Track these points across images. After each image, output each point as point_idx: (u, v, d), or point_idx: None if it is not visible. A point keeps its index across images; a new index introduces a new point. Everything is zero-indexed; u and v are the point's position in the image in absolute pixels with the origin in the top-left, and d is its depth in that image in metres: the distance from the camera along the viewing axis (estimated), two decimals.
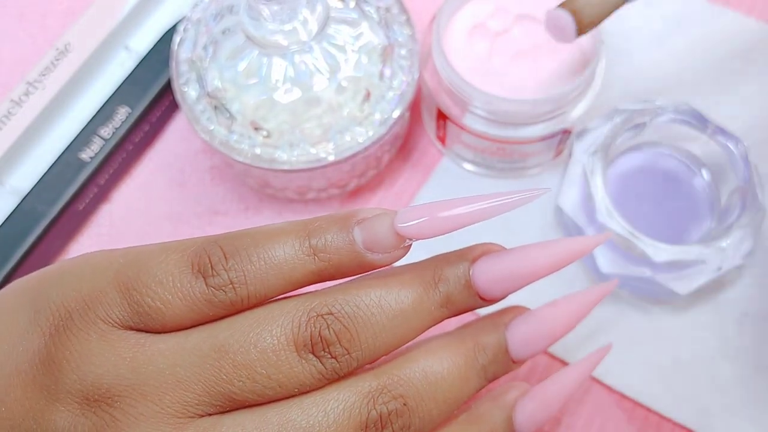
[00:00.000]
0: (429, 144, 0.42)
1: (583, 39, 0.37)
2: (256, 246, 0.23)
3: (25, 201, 0.38)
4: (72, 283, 0.23)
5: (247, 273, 0.22)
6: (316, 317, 0.22)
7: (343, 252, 0.23)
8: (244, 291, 0.22)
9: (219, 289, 0.22)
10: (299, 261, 0.23)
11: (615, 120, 0.36)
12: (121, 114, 0.40)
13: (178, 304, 0.22)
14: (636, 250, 0.34)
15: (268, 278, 0.22)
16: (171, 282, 0.22)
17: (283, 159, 0.35)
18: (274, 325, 0.22)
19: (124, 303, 0.22)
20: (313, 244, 0.23)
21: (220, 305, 0.22)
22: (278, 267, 0.22)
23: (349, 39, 0.35)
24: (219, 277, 0.22)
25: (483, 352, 0.25)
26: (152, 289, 0.22)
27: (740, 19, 0.43)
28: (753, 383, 0.36)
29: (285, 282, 0.23)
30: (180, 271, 0.22)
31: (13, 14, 0.46)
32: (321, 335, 0.22)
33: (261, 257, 0.22)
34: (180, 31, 0.37)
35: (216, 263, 0.22)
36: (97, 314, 0.22)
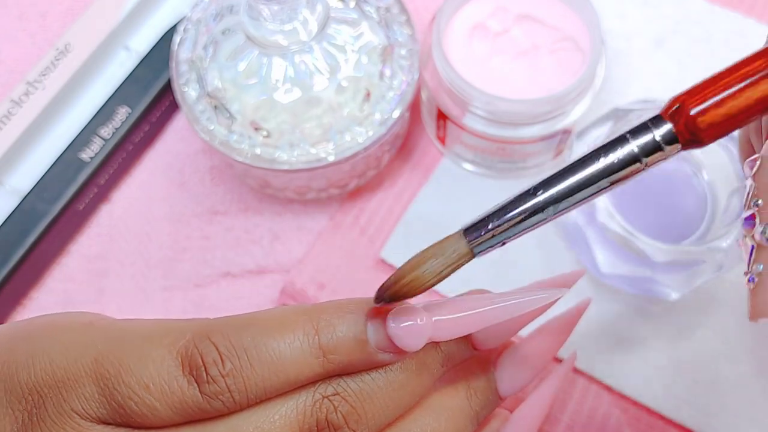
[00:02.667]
0: (429, 144, 0.42)
1: (583, 39, 0.37)
2: (257, 346, 0.20)
3: (25, 201, 0.38)
4: (44, 365, 0.20)
5: (247, 380, 0.20)
6: (321, 400, 0.21)
7: (354, 353, 0.21)
8: (243, 397, 0.20)
9: (215, 397, 0.20)
10: (305, 362, 0.20)
11: (615, 120, 0.36)
12: (121, 114, 0.40)
13: (167, 411, 0.20)
14: (636, 250, 0.34)
15: (270, 382, 0.20)
16: (158, 386, 0.19)
17: (283, 159, 0.35)
18: (276, 414, 0.20)
19: (102, 400, 0.20)
20: (322, 344, 0.21)
21: (214, 413, 0.20)
22: (282, 369, 0.20)
23: (349, 39, 0.35)
24: (215, 385, 0.20)
25: (475, 396, 0.24)
26: (137, 393, 0.19)
27: (740, 19, 0.43)
28: (753, 383, 0.36)
29: (288, 383, 0.20)
30: (168, 373, 0.20)
31: (13, 14, 0.46)
32: (328, 420, 0.21)
33: (263, 360, 0.20)
34: (180, 31, 0.37)
35: (210, 366, 0.20)
36: (73, 407, 0.20)
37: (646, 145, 0.22)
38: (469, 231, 0.22)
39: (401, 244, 0.39)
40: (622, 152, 0.22)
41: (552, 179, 0.24)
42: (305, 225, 0.41)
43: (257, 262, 0.40)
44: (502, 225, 0.22)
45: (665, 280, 0.35)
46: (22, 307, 0.39)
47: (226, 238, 0.40)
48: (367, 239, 0.40)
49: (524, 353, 0.26)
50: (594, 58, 0.36)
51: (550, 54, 0.37)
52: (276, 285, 0.40)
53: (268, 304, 0.39)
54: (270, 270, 0.40)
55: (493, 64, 0.37)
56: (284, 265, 0.40)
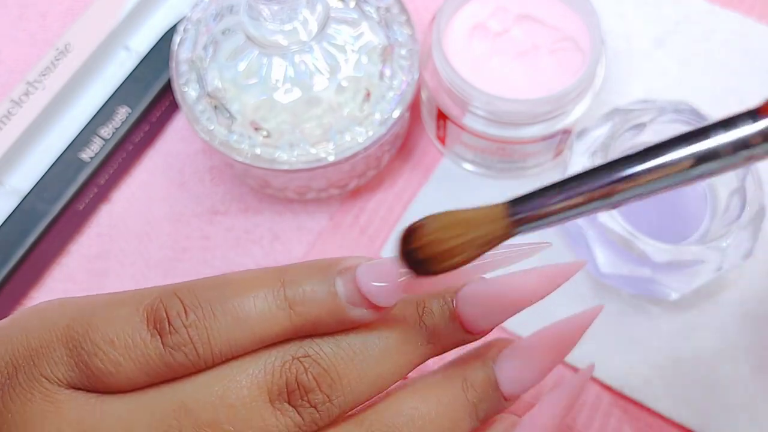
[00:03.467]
0: (429, 144, 0.42)
1: (583, 39, 0.37)
2: (222, 298, 0.20)
3: (25, 201, 0.38)
4: (20, 337, 0.20)
5: (210, 329, 0.19)
6: (291, 361, 0.20)
7: (323, 305, 0.20)
8: (207, 351, 0.19)
9: (177, 349, 0.19)
10: (272, 315, 0.20)
11: (615, 120, 0.36)
12: (121, 114, 0.40)
13: (131, 366, 0.19)
14: (636, 250, 0.34)
15: (234, 335, 0.19)
16: (122, 341, 0.19)
17: (283, 159, 0.35)
18: (243, 374, 0.19)
19: (71, 362, 0.19)
20: (289, 296, 0.20)
21: (179, 367, 0.19)
22: (247, 322, 0.19)
23: (349, 39, 0.35)
24: (177, 335, 0.19)
25: (472, 388, 0.22)
26: (101, 349, 0.19)
27: (740, 19, 0.43)
28: (753, 383, 0.36)
29: (254, 339, 0.20)
30: (132, 327, 0.19)
31: (13, 14, 0.46)
32: (298, 381, 0.19)
33: (227, 311, 0.19)
34: (180, 31, 0.37)
35: (174, 318, 0.19)
36: (42, 372, 0.19)
37: (742, 140, 0.18)
38: (517, 204, 0.19)
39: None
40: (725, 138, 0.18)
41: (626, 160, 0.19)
42: (305, 225, 0.41)
43: (257, 262, 0.40)
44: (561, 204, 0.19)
45: (665, 280, 0.35)
46: (22, 307, 0.39)
47: (226, 238, 0.40)
48: (367, 239, 0.40)
49: (526, 346, 0.24)
50: (594, 58, 0.36)
51: (550, 54, 0.37)
52: None
53: None
54: None
55: (493, 64, 0.37)
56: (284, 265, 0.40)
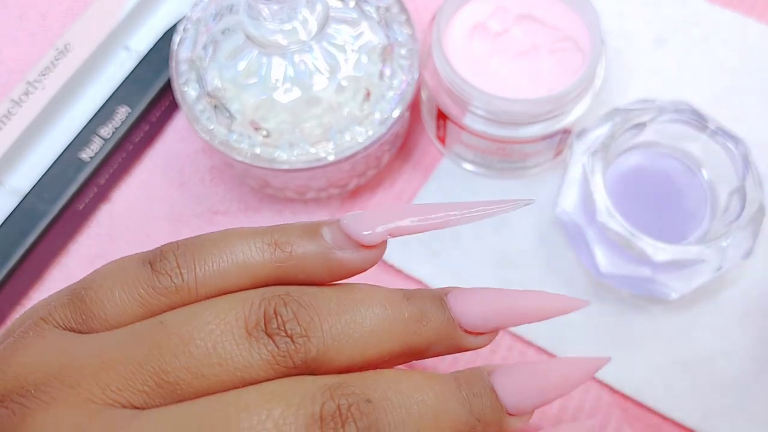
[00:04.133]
0: (429, 144, 0.42)
1: (583, 39, 0.37)
2: (214, 238, 0.21)
3: (25, 201, 0.38)
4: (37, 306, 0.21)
5: (197, 258, 0.20)
6: (272, 296, 0.20)
7: (308, 246, 0.21)
8: (191, 276, 0.20)
9: (164, 273, 0.20)
10: (257, 250, 0.20)
11: (615, 120, 0.36)
12: (121, 114, 0.40)
13: (122, 295, 0.20)
14: (636, 250, 0.34)
15: (220, 266, 0.20)
16: (118, 273, 0.20)
17: (283, 159, 0.35)
18: (223, 304, 0.19)
19: (69, 304, 0.20)
20: (275, 237, 0.21)
21: (164, 292, 0.20)
22: (233, 254, 0.20)
23: (349, 39, 0.35)
24: (166, 262, 0.20)
25: (466, 384, 0.20)
26: (97, 282, 0.20)
27: (740, 19, 0.43)
28: (753, 383, 0.36)
29: (239, 272, 0.20)
30: (131, 265, 0.20)
31: (13, 14, 0.46)
32: (276, 311, 0.19)
33: (215, 245, 0.20)
34: (180, 30, 0.37)
35: (167, 253, 0.20)
36: (40, 315, 0.20)
37: None
38: None
39: (401, 245, 0.39)
40: None
41: None
42: None
43: None
44: None
45: (665, 280, 0.35)
46: (22, 307, 0.39)
47: None
48: None
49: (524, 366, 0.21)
50: (594, 58, 0.36)
51: (550, 54, 0.37)
52: None
53: None
54: None
55: (493, 64, 0.37)
56: None
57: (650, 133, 0.37)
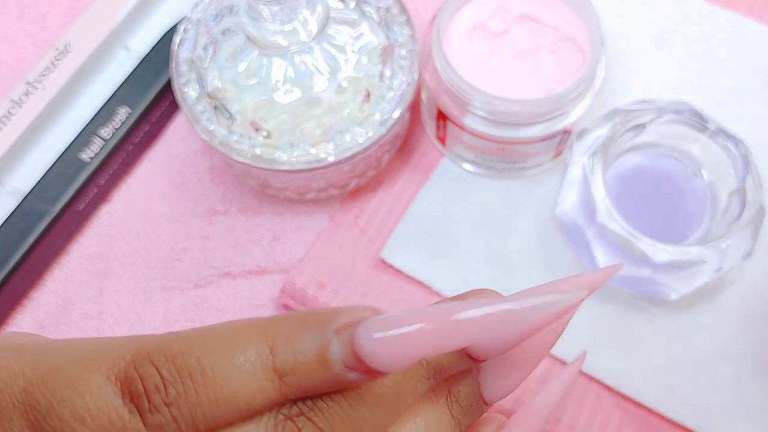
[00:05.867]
0: (429, 144, 0.42)
1: (583, 39, 0.37)
2: (203, 369, 0.17)
3: (25, 201, 0.38)
4: None
5: (193, 408, 0.17)
6: (284, 421, 0.18)
7: (316, 376, 0.18)
8: (191, 429, 0.17)
9: (160, 428, 0.17)
10: (258, 389, 0.17)
11: (615, 120, 0.36)
12: (121, 114, 0.40)
13: None
14: (636, 251, 0.34)
15: (220, 411, 0.17)
16: (96, 419, 0.17)
17: (283, 159, 0.35)
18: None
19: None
20: (278, 366, 0.17)
21: None
22: (233, 399, 0.17)
23: (349, 39, 0.35)
24: (159, 414, 0.17)
25: (456, 404, 0.21)
26: (72, 427, 0.17)
27: (740, 19, 0.43)
28: (753, 383, 0.36)
29: (241, 413, 0.18)
30: (106, 402, 0.17)
31: (13, 14, 0.46)
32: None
33: (210, 386, 0.17)
34: (180, 31, 0.37)
35: (152, 393, 0.17)
36: None
37: None
38: None
39: (401, 245, 0.39)
40: None
41: None
42: (305, 225, 0.41)
43: (257, 262, 0.40)
44: None
45: (665, 280, 0.35)
46: (22, 307, 0.40)
47: (226, 238, 0.40)
48: (367, 239, 0.40)
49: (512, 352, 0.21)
50: (594, 58, 0.36)
51: (550, 54, 0.37)
52: (276, 285, 0.40)
53: (268, 303, 0.39)
54: (270, 270, 0.40)
55: (493, 64, 0.37)
56: (284, 265, 0.40)
57: (650, 134, 0.38)
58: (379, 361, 0.17)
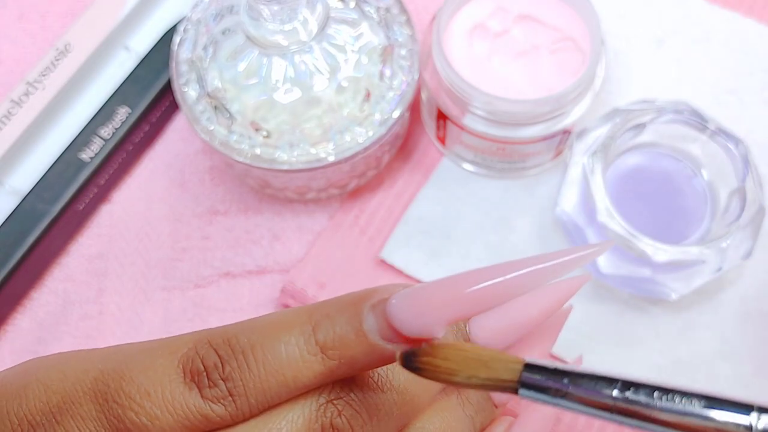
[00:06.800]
0: (429, 144, 0.42)
1: (583, 39, 0.37)
2: (254, 348, 0.20)
3: (25, 201, 0.38)
4: (38, 393, 0.20)
5: (246, 382, 0.19)
6: (326, 404, 0.20)
7: (355, 347, 0.20)
8: (244, 402, 0.19)
9: (217, 402, 0.19)
10: (305, 363, 0.20)
11: (615, 120, 0.36)
12: (121, 114, 0.40)
13: (168, 419, 0.19)
14: (636, 250, 0.34)
15: (270, 385, 0.20)
16: (160, 393, 0.19)
17: (283, 159, 0.35)
18: (282, 421, 0.20)
19: (101, 417, 0.19)
20: (320, 340, 0.20)
21: (217, 421, 0.19)
22: (281, 373, 0.19)
23: (349, 39, 0.35)
24: (216, 389, 0.19)
25: (468, 403, 0.23)
26: (137, 402, 0.19)
27: (740, 19, 0.43)
28: (753, 383, 0.36)
29: (289, 387, 0.20)
30: (170, 380, 0.19)
31: (13, 14, 0.46)
32: (333, 424, 0.20)
33: (260, 361, 0.19)
34: (180, 31, 0.37)
35: (212, 371, 0.19)
36: (67, 429, 0.19)
37: None
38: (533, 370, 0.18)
39: (401, 245, 0.39)
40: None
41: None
42: (305, 225, 0.41)
43: (257, 262, 0.40)
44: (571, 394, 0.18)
45: (665, 280, 0.35)
46: (22, 307, 0.40)
47: (226, 238, 0.40)
48: (367, 239, 0.40)
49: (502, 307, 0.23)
50: (594, 58, 0.36)
51: (550, 54, 0.37)
52: (276, 285, 0.40)
53: (268, 304, 0.39)
54: (270, 270, 0.40)
55: (493, 64, 0.37)
56: (284, 265, 0.40)
57: (650, 134, 0.38)
58: (409, 327, 0.19)
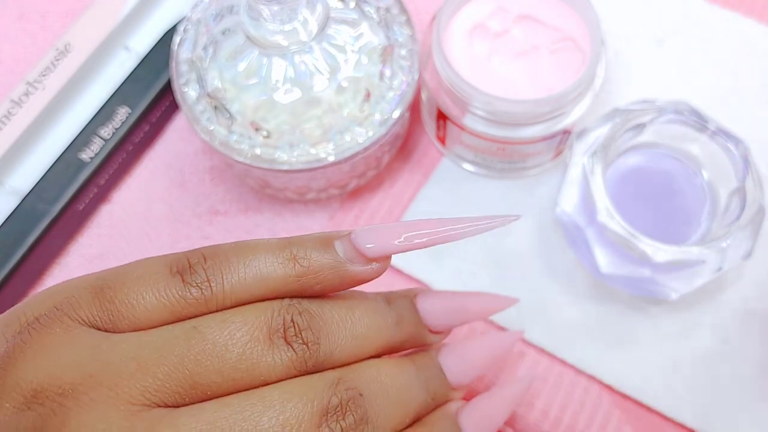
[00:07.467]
0: (429, 144, 0.42)
1: (583, 39, 0.37)
2: (237, 251, 0.23)
3: (25, 201, 0.38)
4: (45, 296, 0.22)
5: (224, 272, 0.22)
6: (288, 307, 0.23)
7: (323, 260, 0.23)
8: (219, 289, 0.22)
9: (195, 286, 0.22)
10: (279, 265, 0.23)
11: (615, 120, 0.36)
12: (121, 114, 0.40)
13: (152, 300, 0.21)
14: (636, 251, 0.34)
15: (245, 280, 0.22)
16: (147, 279, 0.22)
17: (283, 159, 0.35)
18: (249, 313, 0.22)
19: (95, 301, 0.21)
20: (294, 252, 0.23)
21: (194, 303, 0.22)
22: (257, 269, 0.22)
23: (349, 39, 0.35)
24: (197, 275, 0.22)
25: (421, 370, 0.26)
26: (127, 286, 0.22)
27: (740, 19, 0.43)
28: (753, 383, 0.36)
29: (263, 286, 0.23)
30: (159, 271, 0.22)
31: (13, 14, 0.46)
32: (294, 320, 0.22)
33: (240, 259, 0.22)
34: (180, 31, 0.37)
35: (195, 263, 0.22)
36: (64, 311, 0.21)
37: None
38: None
39: None
40: None
41: None
42: (305, 225, 0.41)
43: None
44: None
45: (665, 280, 0.35)
46: None
47: (226, 238, 0.40)
48: None
49: (464, 345, 0.28)
50: (594, 58, 0.36)
51: (550, 54, 0.37)
52: None
53: None
54: None
55: (493, 64, 0.37)
56: None
57: (650, 134, 0.37)
58: (367, 246, 0.23)
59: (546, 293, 0.38)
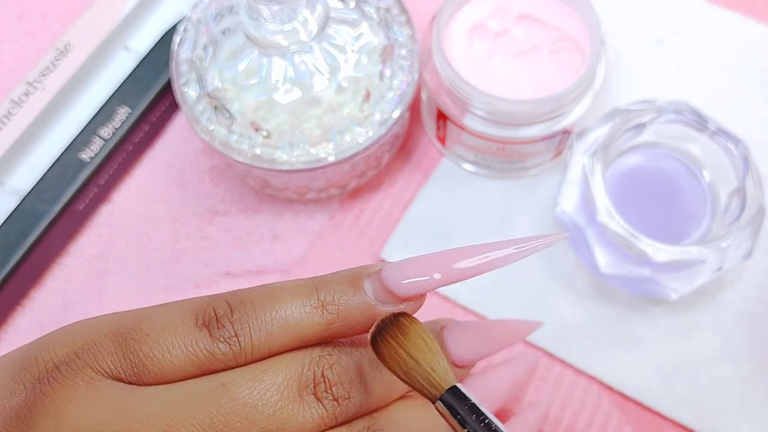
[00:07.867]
0: (429, 144, 0.42)
1: (583, 39, 0.37)
2: (263, 301, 0.22)
3: (25, 201, 0.38)
4: (64, 339, 0.21)
5: (251, 325, 0.21)
6: (319, 358, 0.22)
7: (352, 304, 0.22)
8: (248, 343, 0.21)
9: (223, 341, 0.21)
10: (306, 314, 0.22)
11: (615, 120, 0.36)
12: (121, 114, 0.40)
13: (178, 354, 0.21)
14: (636, 250, 0.34)
15: (273, 331, 0.22)
16: (173, 331, 0.21)
17: (283, 159, 0.35)
18: (279, 366, 0.21)
19: (118, 352, 0.21)
20: (321, 297, 0.22)
21: (222, 358, 0.21)
22: (284, 320, 0.22)
23: (349, 39, 0.35)
24: (224, 329, 0.21)
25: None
26: (152, 338, 0.21)
27: (740, 19, 0.43)
28: (753, 383, 0.36)
29: (291, 336, 0.22)
30: (184, 321, 0.21)
31: (13, 14, 0.46)
32: (324, 374, 0.22)
33: (266, 310, 0.22)
34: (180, 31, 0.37)
35: (221, 316, 0.21)
36: (86, 362, 0.21)
37: None
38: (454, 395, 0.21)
39: (401, 245, 0.39)
40: None
41: None
42: (305, 225, 0.41)
43: (257, 262, 0.40)
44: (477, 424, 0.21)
45: (665, 280, 0.35)
46: (22, 307, 0.39)
47: (226, 238, 0.40)
48: (367, 239, 0.40)
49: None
50: (594, 58, 0.36)
51: (550, 54, 0.37)
52: None
53: None
54: (270, 270, 0.40)
55: (493, 64, 0.37)
56: (284, 265, 0.40)
57: (650, 134, 0.37)
58: (397, 287, 0.22)
59: (546, 293, 0.38)
